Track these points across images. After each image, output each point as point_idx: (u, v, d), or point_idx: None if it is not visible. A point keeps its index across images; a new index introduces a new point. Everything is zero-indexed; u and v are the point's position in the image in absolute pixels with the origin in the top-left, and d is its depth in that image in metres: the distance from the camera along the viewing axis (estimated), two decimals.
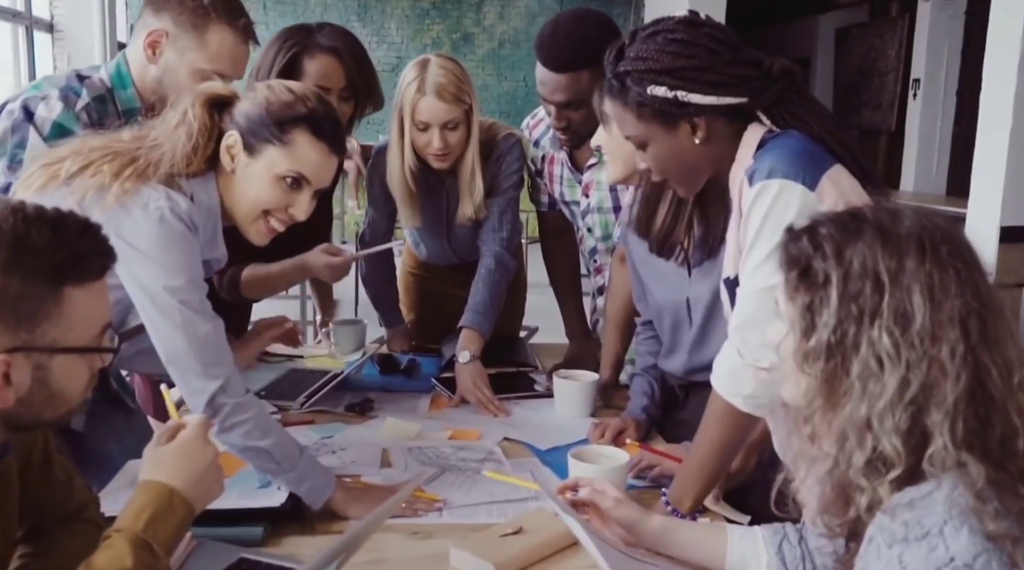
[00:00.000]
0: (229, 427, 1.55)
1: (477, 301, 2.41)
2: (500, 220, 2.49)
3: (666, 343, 2.07)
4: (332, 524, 1.61)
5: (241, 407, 1.55)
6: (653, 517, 1.43)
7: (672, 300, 2.01)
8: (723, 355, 1.49)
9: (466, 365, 2.30)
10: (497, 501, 1.71)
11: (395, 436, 2.06)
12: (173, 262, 1.50)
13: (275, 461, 1.57)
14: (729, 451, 1.53)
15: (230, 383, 1.55)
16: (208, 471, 1.23)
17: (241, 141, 1.63)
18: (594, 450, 1.77)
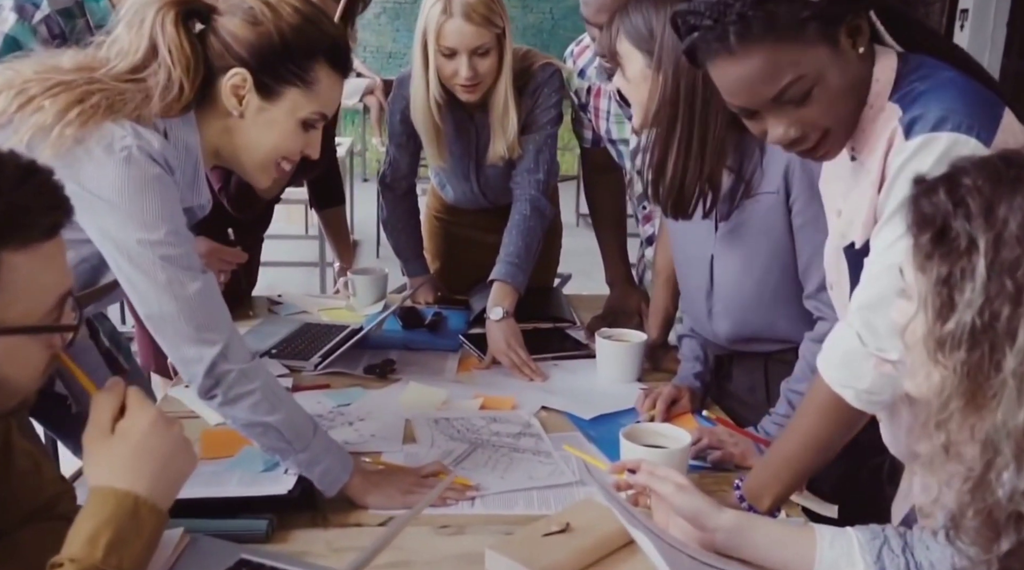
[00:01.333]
0: (233, 399, 1.33)
1: (511, 251, 2.17)
2: (536, 160, 2.23)
3: (693, 307, 1.83)
4: (348, 515, 1.39)
5: (246, 375, 1.33)
6: (724, 511, 1.20)
7: (697, 256, 1.76)
8: (837, 338, 1.24)
9: (498, 323, 2.07)
10: (538, 486, 1.49)
11: (419, 404, 1.83)
12: (148, 211, 1.25)
13: (285, 439, 1.35)
14: (828, 450, 1.29)
15: (231, 347, 1.32)
16: (175, 455, 1.01)
17: (252, 81, 1.36)
18: (648, 428, 1.54)
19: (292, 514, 1.37)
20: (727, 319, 1.76)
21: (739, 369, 1.84)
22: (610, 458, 1.60)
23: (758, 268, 1.66)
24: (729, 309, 1.75)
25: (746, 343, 1.76)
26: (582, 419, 1.77)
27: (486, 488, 1.48)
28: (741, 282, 1.69)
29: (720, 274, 1.73)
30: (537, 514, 1.40)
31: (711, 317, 1.78)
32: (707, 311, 1.78)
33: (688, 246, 1.79)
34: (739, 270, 1.69)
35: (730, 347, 1.80)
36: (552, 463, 1.58)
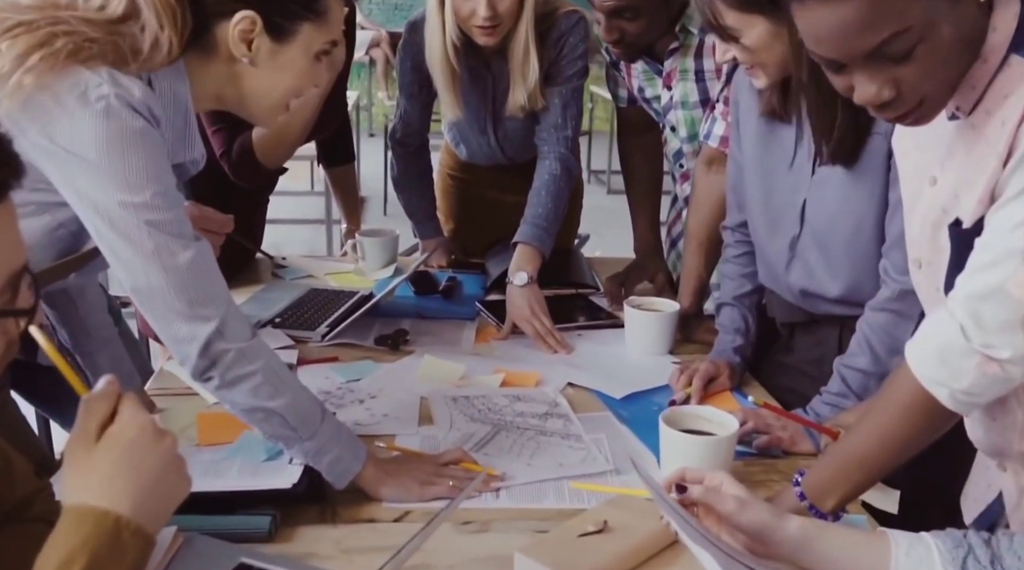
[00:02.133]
0: (231, 382, 1.19)
1: (539, 213, 2.01)
2: (564, 115, 2.06)
3: (771, 258, 1.67)
4: (360, 509, 1.26)
5: (245, 355, 1.19)
6: (789, 521, 1.06)
7: (785, 203, 1.60)
8: (933, 328, 1.07)
9: (522, 288, 1.92)
10: (569, 476, 1.35)
11: (435, 379, 1.69)
12: (131, 170, 1.09)
13: (290, 426, 1.21)
14: (908, 451, 1.14)
15: (228, 324, 1.18)
16: (166, 472, 0.85)
17: (262, 23, 1.20)
18: (688, 412, 1.39)
19: (298, 509, 1.23)
20: (809, 270, 1.60)
21: (807, 339, 1.69)
22: (644, 441, 1.47)
23: (856, 212, 1.50)
24: (815, 259, 1.59)
25: (823, 302, 1.60)
26: (612, 399, 1.63)
27: (512, 478, 1.34)
28: (835, 223, 1.53)
29: (813, 216, 1.57)
30: (569, 508, 1.26)
31: (789, 269, 1.62)
32: (787, 261, 1.62)
33: (776, 193, 1.62)
34: (836, 211, 1.53)
35: (804, 306, 1.64)
36: (583, 448, 1.44)
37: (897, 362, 1.46)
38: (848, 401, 1.47)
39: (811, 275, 1.59)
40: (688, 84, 1.99)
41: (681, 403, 1.59)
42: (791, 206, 1.58)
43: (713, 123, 1.91)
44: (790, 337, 1.74)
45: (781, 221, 1.61)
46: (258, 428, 1.23)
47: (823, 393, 1.50)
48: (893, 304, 1.46)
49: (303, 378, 1.66)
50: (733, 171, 1.74)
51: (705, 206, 1.95)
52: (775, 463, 1.42)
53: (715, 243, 1.95)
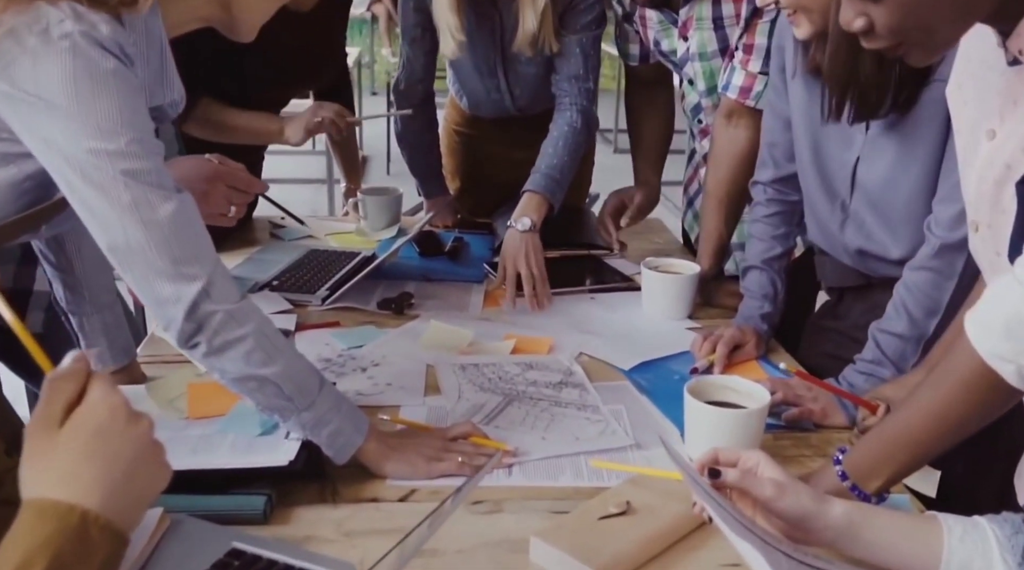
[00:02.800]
0: (220, 347, 1.09)
1: (552, 164, 1.89)
2: (585, 65, 1.94)
3: (823, 218, 1.56)
4: (363, 488, 1.16)
5: (235, 318, 1.09)
6: (832, 506, 0.96)
7: (837, 160, 1.49)
8: (996, 297, 0.96)
9: (523, 233, 1.82)
10: (587, 451, 1.26)
11: (442, 346, 1.59)
12: (103, 114, 0.98)
13: (285, 396, 1.12)
14: (963, 431, 1.03)
15: (215, 283, 1.08)
16: (141, 460, 0.75)
17: None
18: (715, 383, 1.30)
19: (295, 487, 1.14)
20: (864, 230, 1.49)
21: (860, 304, 1.58)
22: (665, 413, 1.37)
23: (915, 166, 1.39)
24: (871, 220, 1.48)
25: (882, 264, 1.50)
26: (629, 373, 1.53)
27: (526, 453, 1.24)
28: (891, 184, 1.42)
29: (866, 177, 1.46)
30: (588, 487, 1.17)
31: (843, 229, 1.52)
32: (840, 222, 1.52)
33: (825, 150, 1.51)
34: (891, 171, 1.42)
35: (860, 268, 1.54)
36: (601, 420, 1.34)
37: (936, 325, 1.37)
38: (884, 369, 1.37)
39: (869, 236, 1.49)
40: (705, 33, 1.87)
41: (703, 372, 1.50)
42: (842, 166, 1.47)
43: (732, 73, 1.80)
44: (838, 302, 1.65)
45: (831, 181, 1.51)
46: (251, 399, 1.14)
47: (857, 361, 1.40)
48: (932, 262, 1.35)
49: (302, 344, 1.58)
50: (771, 124, 1.63)
51: (724, 162, 1.84)
52: (807, 437, 1.33)
53: (735, 201, 1.85)
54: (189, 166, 1.48)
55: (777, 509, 0.96)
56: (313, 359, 1.51)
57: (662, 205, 4.76)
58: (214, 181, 1.49)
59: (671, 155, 2.28)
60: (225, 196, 1.51)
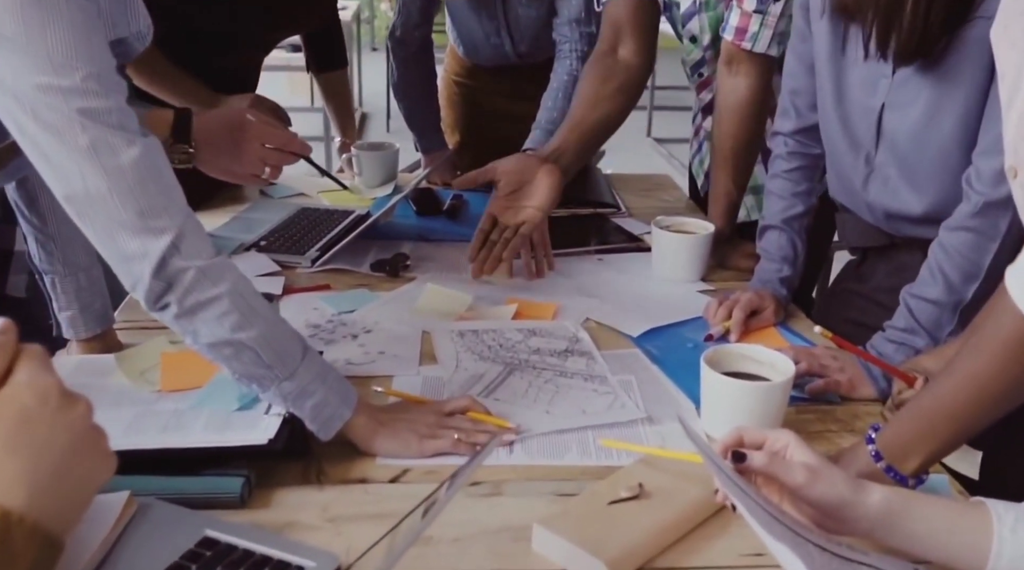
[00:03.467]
0: (192, 308, 0.99)
1: (553, 118, 1.79)
2: (586, 7, 1.82)
3: (844, 173, 1.44)
4: (351, 467, 1.07)
5: (208, 275, 0.98)
6: (869, 494, 0.86)
7: (859, 107, 1.37)
8: None
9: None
10: (595, 425, 1.16)
11: (439, 311, 1.49)
12: (56, 46, 0.87)
13: (263, 363, 1.02)
14: (1008, 403, 0.93)
15: (185, 237, 0.97)
16: (77, 451, 0.65)
17: None
18: (734, 352, 1.19)
19: (277, 467, 1.04)
20: (890, 187, 1.37)
21: (884, 265, 1.47)
22: (679, 385, 1.27)
23: (949, 115, 1.26)
24: (896, 174, 1.36)
25: (906, 223, 1.38)
26: (640, 341, 1.42)
27: (528, 428, 1.15)
28: (921, 136, 1.30)
29: (893, 127, 1.33)
30: (596, 466, 1.08)
31: (867, 185, 1.40)
32: (864, 176, 1.40)
33: (849, 96, 1.39)
34: (921, 119, 1.29)
35: (885, 228, 1.42)
36: (610, 391, 1.24)
37: (975, 290, 1.26)
38: (918, 339, 1.26)
39: (894, 193, 1.36)
40: None
41: (719, 339, 1.40)
42: (866, 113, 1.35)
43: (729, 13, 1.66)
44: (861, 263, 1.53)
45: (855, 131, 1.39)
46: (226, 366, 1.03)
47: (887, 328, 1.30)
48: (973, 221, 1.24)
49: (289, 309, 1.48)
50: (794, 69, 1.50)
51: (727, 112, 1.71)
52: (832, 410, 1.23)
53: (742, 154, 1.73)
54: (218, 116, 1.37)
55: (809, 497, 0.86)
56: (301, 325, 1.43)
57: (668, 162, 4.66)
58: (245, 135, 1.35)
59: (676, 111, 2.16)
60: (259, 154, 1.37)
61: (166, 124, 1.31)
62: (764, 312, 1.45)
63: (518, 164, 1.61)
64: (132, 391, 1.14)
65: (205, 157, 1.33)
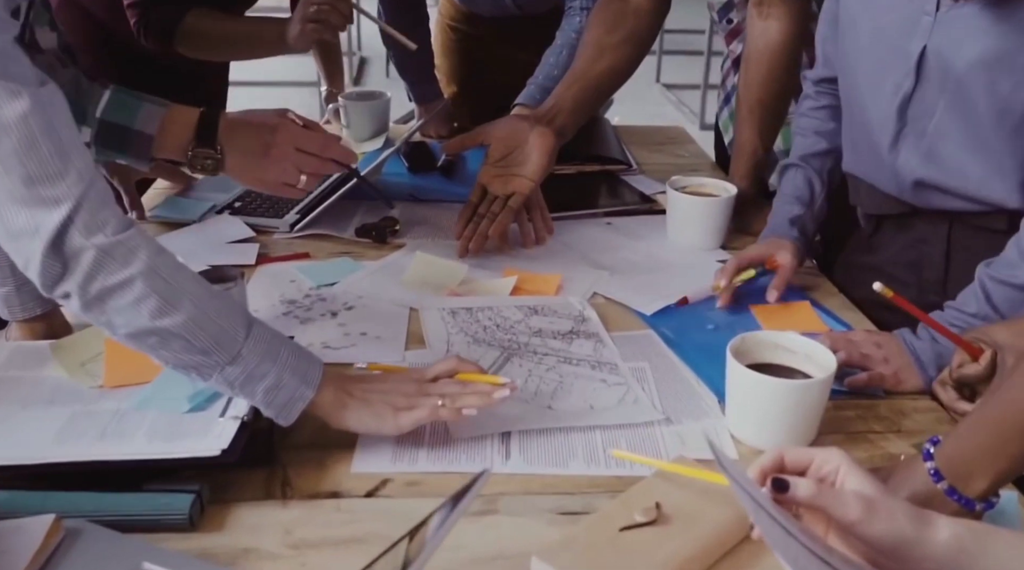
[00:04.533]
0: (100, 296, 0.84)
1: (553, 75, 1.60)
2: None
3: (870, 131, 1.27)
4: (321, 477, 0.92)
5: (113, 256, 0.83)
6: (936, 530, 0.71)
7: (892, 49, 1.20)
8: None
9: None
10: (604, 426, 1.01)
11: (429, 283, 1.34)
12: None
13: (197, 350, 0.87)
14: None
15: (84, 209, 0.82)
16: None
17: None
18: (764, 341, 1.04)
19: (235, 478, 0.90)
20: (927, 147, 1.19)
21: (902, 235, 1.30)
22: (699, 373, 1.12)
23: (1009, 63, 1.08)
24: (940, 130, 1.17)
25: (937, 194, 1.21)
26: (653, 321, 1.27)
27: (526, 422, 1.00)
28: (980, 81, 1.12)
29: (937, 73, 1.15)
30: (605, 476, 0.93)
31: (897, 146, 1.22)
32: (893, 135, 1.22)
33: (880, 39, 1.21)
34: (981, 61, 1.11)
35: (911, 200, 1.25)
36: (621, 382, 1.09)
37: None
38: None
39: (933, 156, 1.19)
40: None
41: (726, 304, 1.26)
42: (902, 57, 1.18)
43: None
44: (875, 231, 1.37)
45: (886, 77, 1.21)
46: (156, 358, 0.88)
47: (948, 309, 1.12)
48: None
49: (262, 281, 1.33)
50: (828, 8, 1.33)
51: (756, 59, 1.53)
52: (874, 406, 1.07)
53: (772, 107, 1.56)
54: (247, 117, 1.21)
55: (866, 535, 0.71)
56: (275, 300, 1.28)
57: (678, 111, 4.45)
58: (276, 138, 1.19)
59: (687, 56, 1.96)
60: (292, 159, 1.20)
61: (189, 125, 1.16)
62: (777, 257, 1.29)
63: (508, 127, 1.44)
64: (70, 386, 0.99)
65: (232, 163, 1.18)
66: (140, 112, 1.15)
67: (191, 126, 1.16)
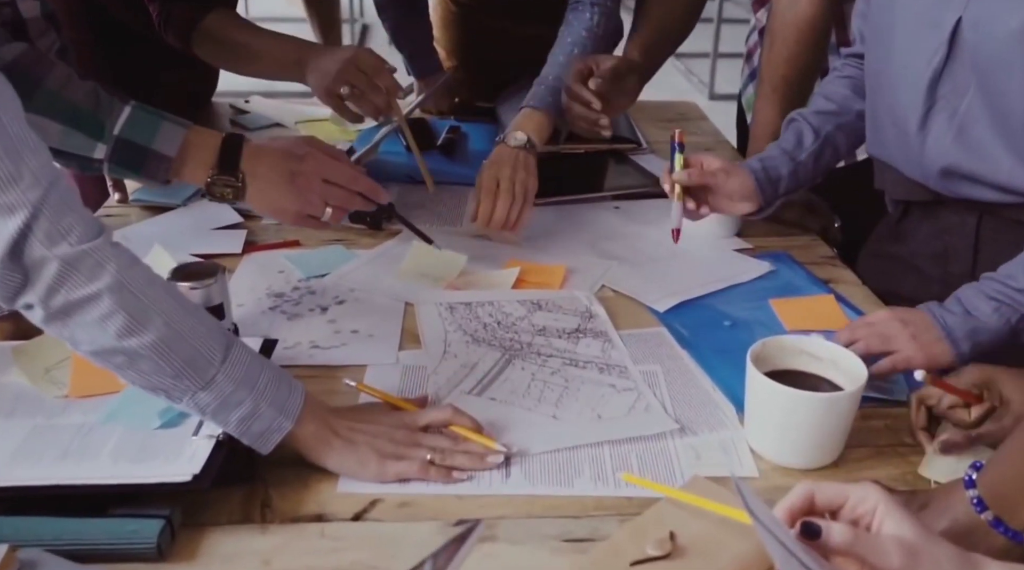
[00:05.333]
0: (63, 310, 0.76)
1: (559, 74, 1.45)
2: None
3: (896, 111, 1.17)
4: (304, 499, 0.84)
5: (78, 268, 0.75)
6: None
7: (923, 22, 1.10)
8: None
9: (515, 148, 1.38)
10: (613, 440, 0.93)
11: (427, 274, 1.26)
12: None
13: (168, 372, 0.79)
14: None
15: (45, 216, 0.74)
16: None
17: None
18: (786, 345, 0.95)
19: (210, 498, 0.82)
20: (954, 133, 1.10)
21: (929, 224, 1.22)
22: (715, 378, 1.04)
23: None
24: (972, 111, 1.07)
25: (964, 182, 1.12)
26: (666, 318, 1.19)
27: (526, 447, 0.91)
28: (1006, 63, 1.03)
29: (971, 48, 1.06)
30: (614, 498, 0.85)
31: (926, 126, 1.12)
32: (922, 115, 1.12)
33: (911, 9, 1.12)
34: (1007, 43, 1.02)
35: (938, 188, 1.16)
36: (631, 387, 1.01)
37: None
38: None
39: (963, 140, 1.09)
40: None
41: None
42: (936, 28, 1.08)
43: None
44: (900, 220, 1.28)
45: (917, 52, 1.12)
46: (122, 377, 0.80)
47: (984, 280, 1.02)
48: None
49: (250, 271, 1.25)
50: None
51: (781, 34, 1.43)
52: (905, 415, 0.97)
53: (796, 83, 1.46)
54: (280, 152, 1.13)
55: None
56: (261, 294, 1.20)
57: (687, 81, 4.32)
58: (302, 167, 1.11)
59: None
60: (318, 191, 1.12)
61: (211, 149, 1.08)
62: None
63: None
64: (32, 395, 0.92)
65: (254, 191, 1.09)
66: (160, 132, 1.06)
67: (213, 150, 1.08)
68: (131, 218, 1.42)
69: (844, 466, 0.91)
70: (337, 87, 1.41)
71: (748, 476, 0.89)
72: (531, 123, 1.41)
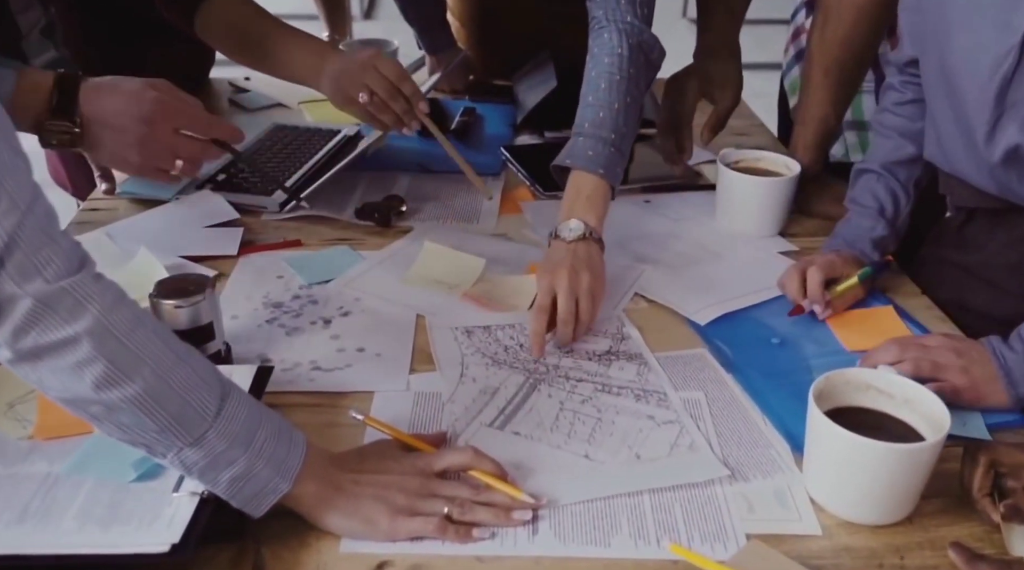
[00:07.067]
0: (33, 353, 0.64)
1: (598, 118, 1.16)
2: None
3: (963, 116, 1.04)
4: (301, 558, 0.73)
5: (54, 308, 0.64)
6: None
7: (989, 24, 0.97)
8: None
9: (571, 245, 1.07)
10: (653, 488, 0.81)
11: (441, 281, 1.14)
12: None
13: (151, 428, 0.68)
14: None
15: (19, 247, 0.63)
16: None
17: None
18: (852, 380, 0.83)
19: (193, 559, 0.71)
20: None
21: (1000, 232, 1.10)
22: (767, 413, 0.92)
23: None
24: None
25: None
26: (707, 330, 1.07)
27: (556, 491, 0.80)
28: None
29: None
30: (656, 561, 0.74)
31: (993, 137, 1.00)
32: (990, 125, 1.00)
33: (974, 10, 0.99)
34: None
35: (1006, 195, 1.04)
36: (672, 418, 0.90)
37: None
38: None
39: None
40: None
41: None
42: (1005, 30, 0.95)
43: None
44: (965, 224, 1.15)
45: (982, 56, 0.99)
46: (97, 428, 0.69)
47: None
48: None
49: (246, 275, 1.14)
50: None
51: (836, 16, 1.30)
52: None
53: (849, 70, 1.33)
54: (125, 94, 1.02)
55: None
56: (257, 304, 1.09)
57: None
58: (152, 115, 1.02)
59: None
60: (168, 144, 1.04)
61: (43, 91, 0.97)
62: (840, 289, 1.08)
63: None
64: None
65: (93, 140, 1.00)
66: None
67: (46, 91, 0.97)
68: (118, 212, 1.30)
69: (918, 521, 0.79)
70: (356, 92, 1.27)
71: (809, 534, 0.77)
72: (581, 196, 1.12)
